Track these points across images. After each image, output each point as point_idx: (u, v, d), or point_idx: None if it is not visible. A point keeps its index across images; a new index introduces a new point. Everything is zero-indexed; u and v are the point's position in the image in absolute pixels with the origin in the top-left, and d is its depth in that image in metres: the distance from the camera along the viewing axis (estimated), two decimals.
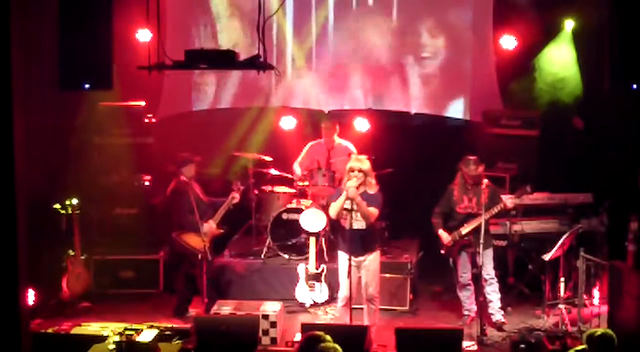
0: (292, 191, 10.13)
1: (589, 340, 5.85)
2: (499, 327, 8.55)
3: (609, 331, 5.91)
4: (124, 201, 10.01)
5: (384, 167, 9.51)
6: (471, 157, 8.58)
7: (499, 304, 8.63)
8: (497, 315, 8.60)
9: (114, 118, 10.03)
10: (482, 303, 8.42)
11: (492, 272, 8.57)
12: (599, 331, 5.90)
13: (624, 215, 8.13)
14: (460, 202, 8.57)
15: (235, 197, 8.93)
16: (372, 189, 7.95)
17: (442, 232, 8.61)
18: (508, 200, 8.40)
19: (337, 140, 10.26)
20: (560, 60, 10.28)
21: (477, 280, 8.51)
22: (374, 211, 7.88)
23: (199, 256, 8.63)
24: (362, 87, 11.26)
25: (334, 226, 8.78)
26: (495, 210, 8.38)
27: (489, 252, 8.55)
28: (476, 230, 8.33)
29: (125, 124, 10.13)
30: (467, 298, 8.73)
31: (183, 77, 11.08)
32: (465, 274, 8.67)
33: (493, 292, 8.57)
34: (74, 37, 7.01)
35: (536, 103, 10.36)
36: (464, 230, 8.50)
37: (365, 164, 7.93)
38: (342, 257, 8.02)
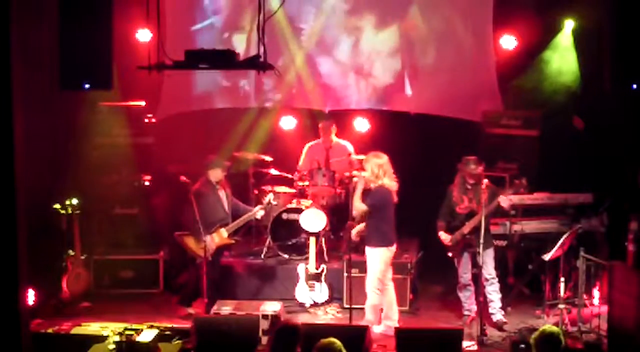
0: (292, 190, 10.14)
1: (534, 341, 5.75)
2: (499, 327, 8.55)
3: (554, 328, 5.82)
4: (124, 201, 9.99)
5: None
6: (470, 158, 8.58)
7: (499, 304, 8.63)
8: (498, 315, 8.61)
9: (114, 118, 10.04)
10: (482, 303, 8.42)
11: (494, 272, 8.57)
12: (538, 331, 5.77)
13: (624, 215, 8.12)
14: (460, 202, 8.58)
15: (260, 213, 8.99)
16: (375, 184, 8.25)
17: (441, 234, 8.63)
18: (501, 198, 8.35)
19: (335, 139, 10.27)
20: (560, 60, 10.28)
21: (477, 280, 8.52)
22: (359, 205, 8.24)
23: (197, 260, 8.63)
24: (362, 87, 11.25)
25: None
26: (492, 206, 8.34)
27: (490, 252, 8.55)
28: (477, 229, 8.33)
29: (125, 124, 10.13)
30: (467, 298, 8.74)
31: (183, 77, 11.07)
32: (465, 275, 8.68)
33: (494, 292, 8.57)
34: (74, 37, 7.01)
35: (536, 103, 10.35)
36: (465, 229, 8.50)
37: (366, 165, 8.23)
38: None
